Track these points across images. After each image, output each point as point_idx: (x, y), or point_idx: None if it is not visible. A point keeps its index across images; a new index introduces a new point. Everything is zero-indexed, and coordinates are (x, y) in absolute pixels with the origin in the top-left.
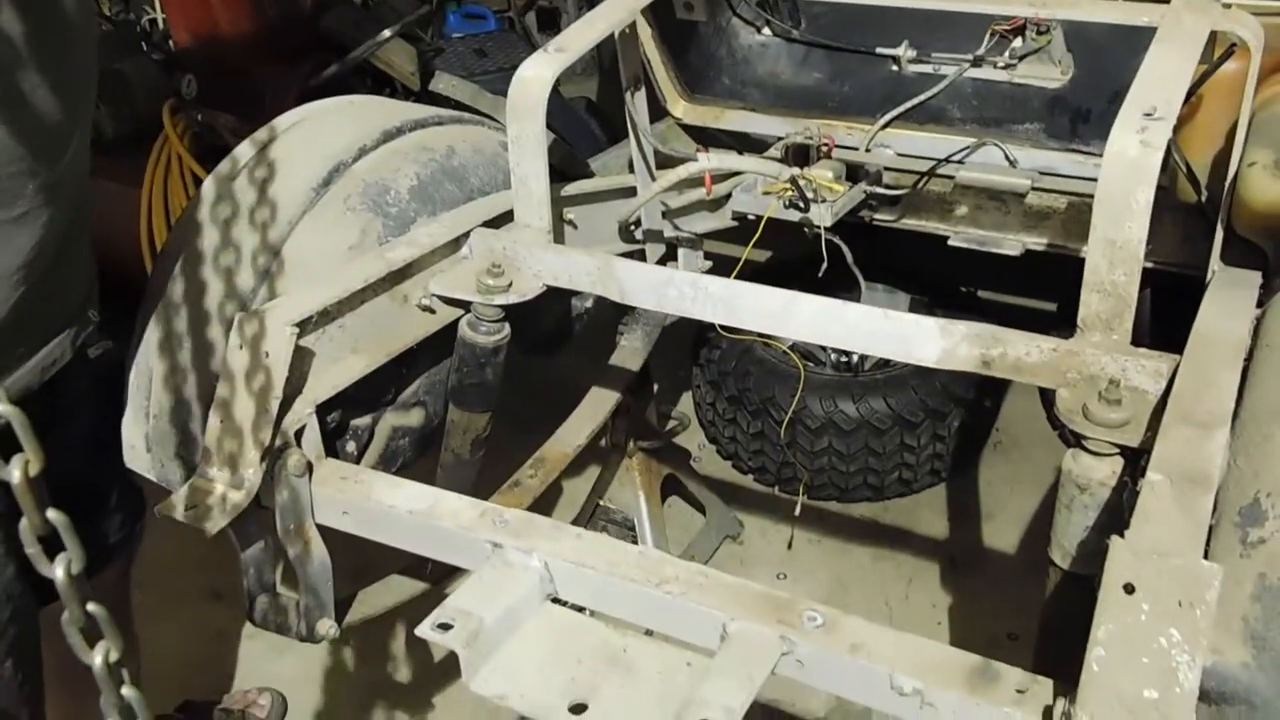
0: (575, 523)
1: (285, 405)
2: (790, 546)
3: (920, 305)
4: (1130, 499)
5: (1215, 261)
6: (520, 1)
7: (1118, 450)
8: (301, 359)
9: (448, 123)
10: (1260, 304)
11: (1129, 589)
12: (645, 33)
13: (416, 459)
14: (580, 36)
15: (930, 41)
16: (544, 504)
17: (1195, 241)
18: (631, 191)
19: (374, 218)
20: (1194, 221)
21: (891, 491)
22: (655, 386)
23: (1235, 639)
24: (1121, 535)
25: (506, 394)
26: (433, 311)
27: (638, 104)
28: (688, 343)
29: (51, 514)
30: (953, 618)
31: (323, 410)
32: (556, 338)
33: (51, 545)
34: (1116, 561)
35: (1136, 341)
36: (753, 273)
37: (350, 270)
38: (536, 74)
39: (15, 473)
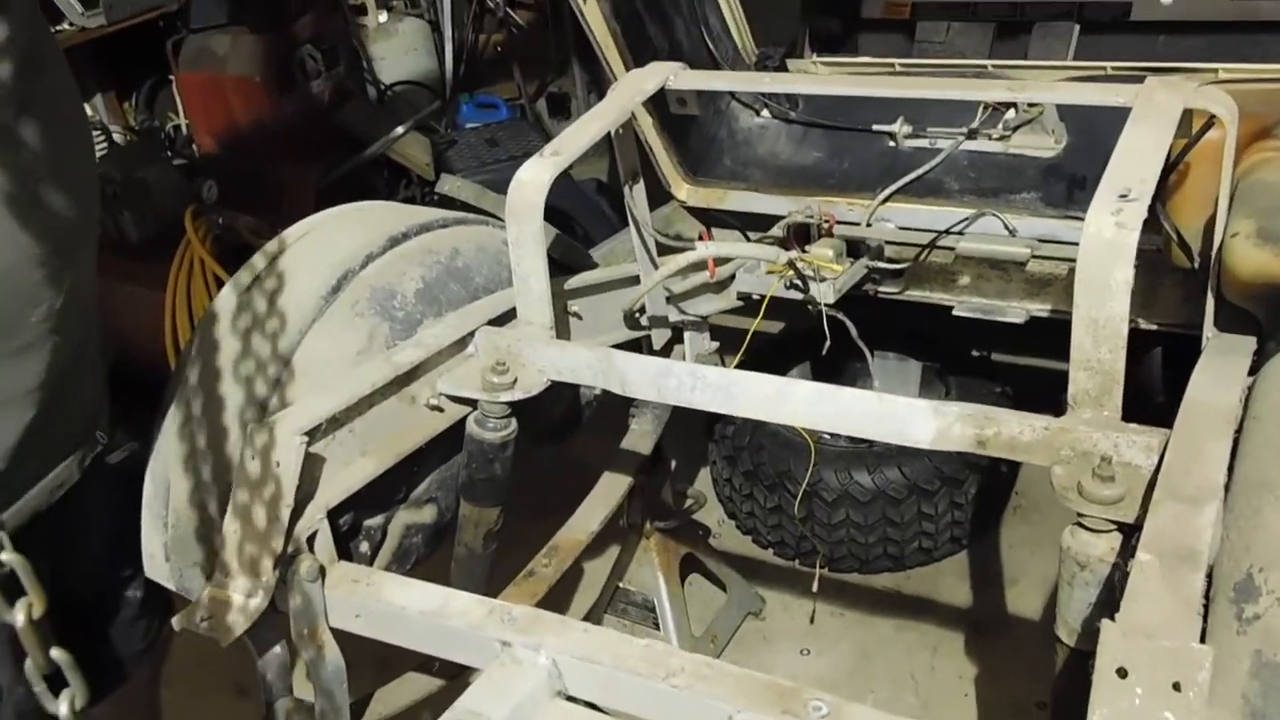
0: (595, 607)
1: (297, 512)
2: (813, 620)
3: (932, 372)
4: (1122, 579)
5: (1209, 328)
6: (531, 89)
7: (1115, 526)
8: (312, 466)
9: (452, 224)
10: (1253, 370)
11: (1122, 673)
12: (645, 121)
13: (430, 554)
14: (576, 139)
15: (925, 117)
16: (561, 589)
17: (1194, 303)
18: (634, 280)
19: (381, 322)
20: (1192, 283)
21: (912, 561)
22: (673, 463)
23: (1235, 716)
24: (1114, 616)
25: (521, 478)
26: (441, 410)
27: (636, 196)
28: (702, 418)
29: (55, 653)
30: (979, 687)
31: (335, 513)
32: (566, 426)
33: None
34: (1108, 644)
35: (1147, 400)
36: (766, 344)
37: (358, 375)
38: (533, 177)
39: (19, 616)
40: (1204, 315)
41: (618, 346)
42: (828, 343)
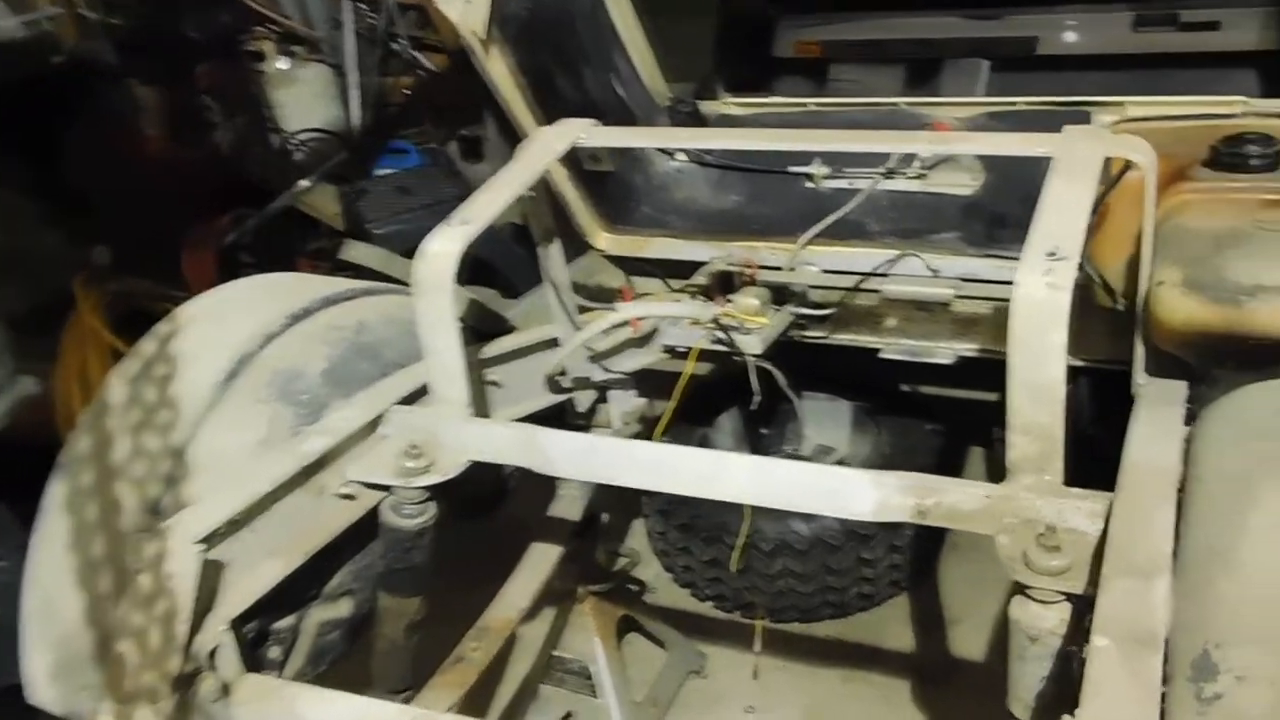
0: (529, 679)
1: (197, 625)
2: (756, 675)
3: (862, 412)
4: (1079, 666)
5: (1140, 375)
6: (442, 133)
7: (1063, 596)
8: (212, 574)
9: (358, 296)
10: (1189, 419)
11: None
12: (559, 174)
13: (350, 650)
14: (487, 206)
15: (842, 157)
16: (494, 664)
17: (1120, 339)
18: (554, 342)
19: (284, 408)
20: (1118, 319)
21: (854, 607)
22: (605, 517)
23: None
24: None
25: (447, 543)
26: (353, 499)
27: (552, 255)
28: None
29: None
30: None
31: (240, 621)
32: (491, 500)
33: None
34: None
35: (1077, 427)
36: (694, 391)
37: (260, 469)
38: (442, 249)
39: None
40: (1133, 362)
41: (541, 413)
42: (757, 397)
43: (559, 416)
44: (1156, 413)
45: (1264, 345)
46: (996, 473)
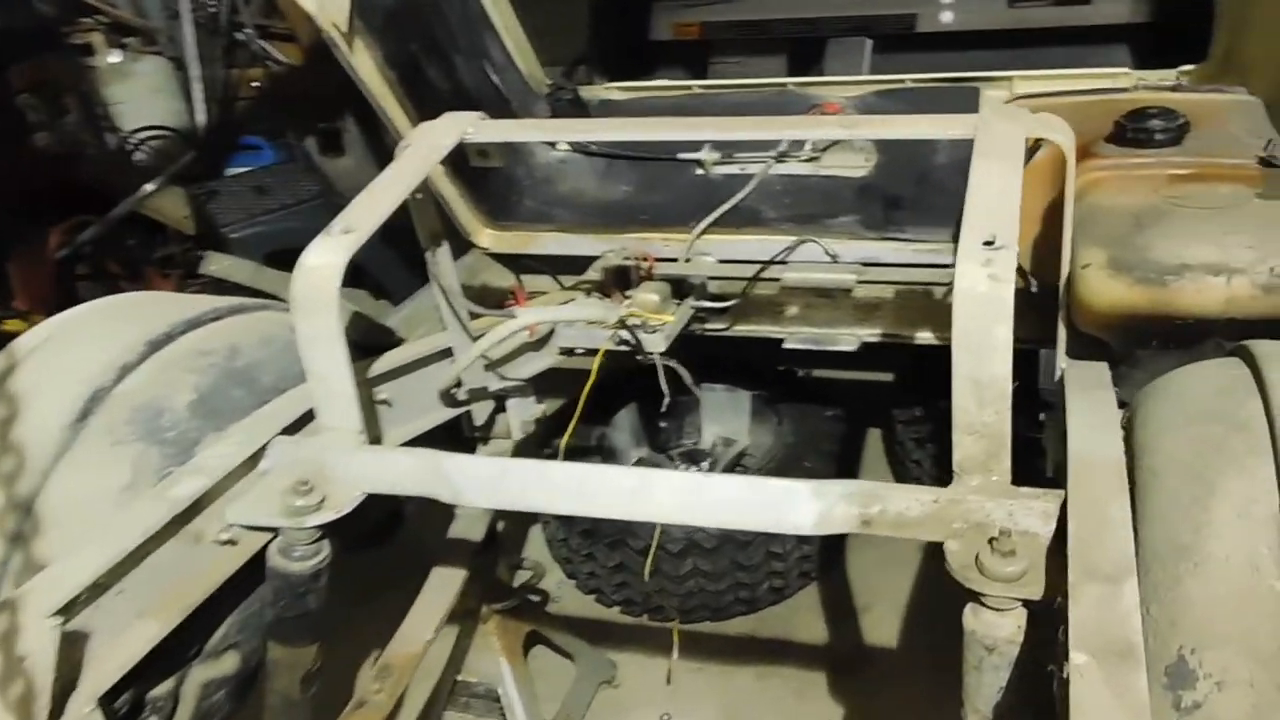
0: (432, 702)
1: (58, 709)
2: (669, 680)
3: (761, 401)
4: (1059, 686)
5: (1062, 360)
6: (298, 126)
7: (1019, 602)
8: (72, 648)
9: (226, 315)
10: (1120, 402)
11: None
12: (435, 170)
13: (238, 708)
14: (371, 212)
15: (733, 141)
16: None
17: (1028, 320)
18: (446, 353)
19: (147, 448)
20: (1029, 299)
21: (765, 601)
22: (500, 525)
23: None
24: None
25: (341, 577)
26: (235, 543)
27: (440, 260)
28: None
29: None
30: None
31: (110, 696)
32: (387, 526)
33: None
34: None
35: None
36: (591, 389)
37: (125, 521)
38: (324, 262)
39: None
40: (1056, 345)
41: (437, 430)
42: (667, 398)
43: (454, 431)
44: (1089, 399)
45: (1189, 324)
46: (894, 453)
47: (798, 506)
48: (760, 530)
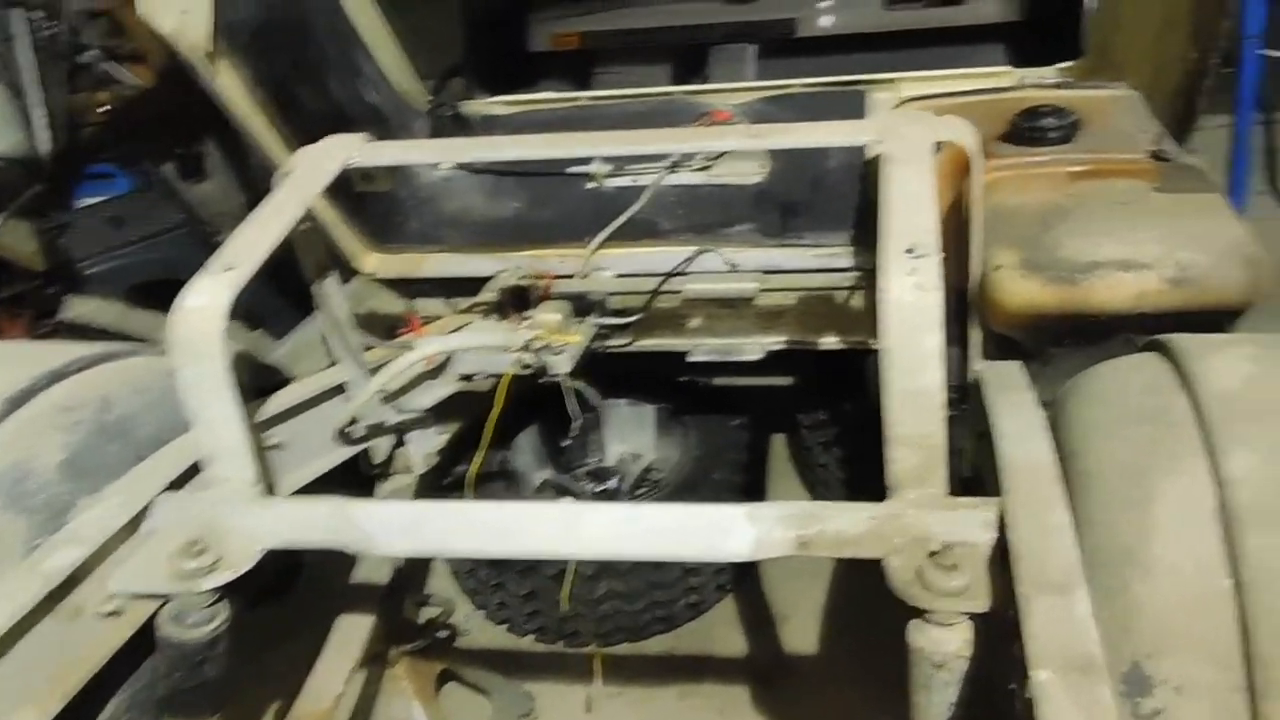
0: None
1: None
2: (589, 708)
3: (666, 414)
4: (1022, 708)
5: (977, 361)
6: (153, 152)
7: (965, 615)
8: None
9: (94, 363)
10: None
11: None
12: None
13: None
14: (254, 247)
15: (624, 154)
16: None
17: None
18: (339, 389)
19: (14, 517)
20: None
21: (683, 618)
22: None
23: None
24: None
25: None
26: (120, 614)
27: (328, 291)
28: None
29: None
30: None
31: None
32: (287, 578)
33: None
34: None
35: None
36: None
37: None
38: (205, 303)
39: None
40: (969, 349)
41: (335, 470)
42: (577, 421)
43: (352, 469)
44: (1011, 401)
45: (1101, 321)
46: (801, 458)
47: (733, 533)
48: (697, 560)
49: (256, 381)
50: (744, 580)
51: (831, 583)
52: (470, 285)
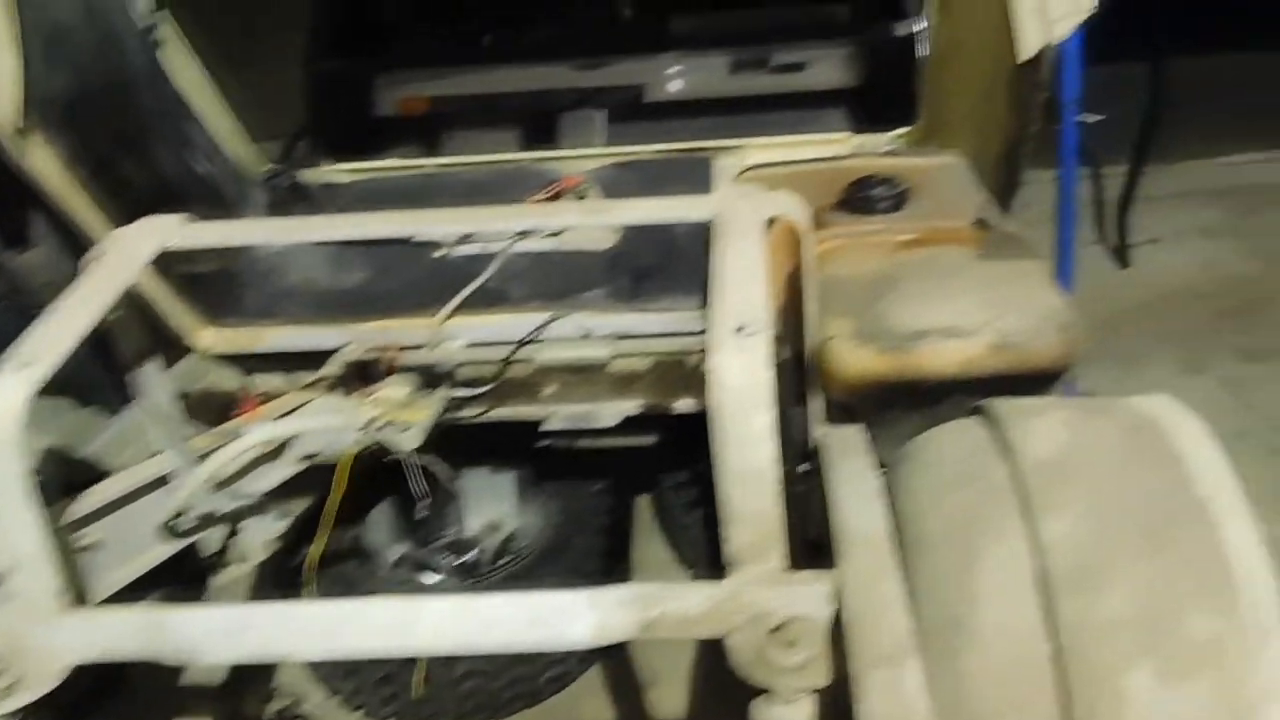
0: None
1: None
2: None
3: (526, 480)
4: None
5: (817, 426)
6: None
7: (808, 691)
8: None
9: None
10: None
11: None
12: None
13: None
14: (54, 341)
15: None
16: None
17: (783, 381)
18: (164, 479)
19: None
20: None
21: (548, 691)
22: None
23: None
24: None
25: None
26: None
27: (149, 379)
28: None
29: None
30: None
31: None
32: (105, 688)
33: None
34: None
35: None
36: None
37: None
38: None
39: None
40: (809, 415)
41: (168, 564)
42: (424, 500)
43: (182, 560)
44: (848, 467)
45: (931, 387)
46: (665, 519)
47: (574, 620)
48: (538, 649)
49: (73, 477)
50: (610, 648)
51: (699, 645)
52: (314, 358)
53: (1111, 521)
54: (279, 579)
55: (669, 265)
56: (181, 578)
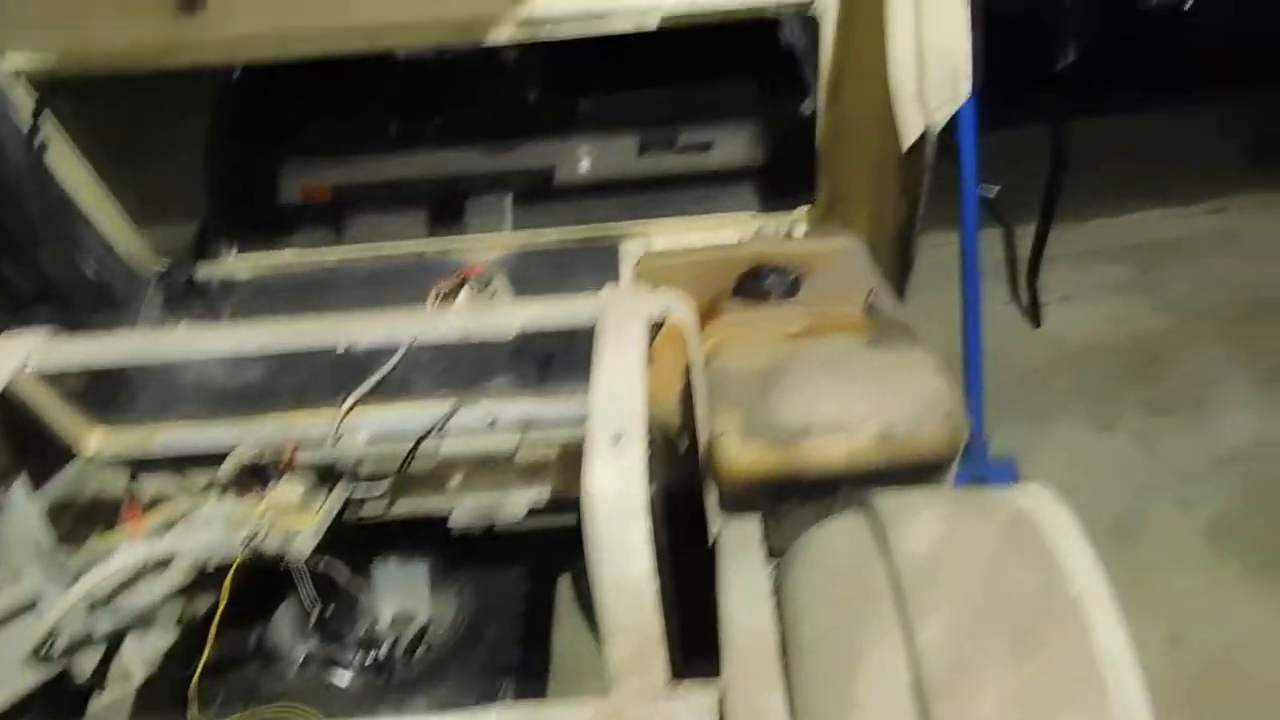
0: None
1: None
2: None
3: (440, 569)
4: None
5: (714, 518)
6: None
7: None
8: None
9: None
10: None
11: None
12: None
13: None
14: None
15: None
16: None
17: (683, 468)
18: (33, 603)
19: None
20: (673, 452)
21: None
22: None
23: None
24: None
25: None
26: None
27: (15, 494)
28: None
29: None
30: None
31: None
32: None
33: None
34: None
35: None
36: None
37: None
38: None
39: None
40: (706, 508)
41: (34, 696)
42: (316, 606)
43: (61, 681)
44: (739, 564)
45: (820, 481)
46: (585, 601)
47: None
48: None
49: None
50: None
51: None
52: (210, 459)
53: (984, 624)
54: (172, 691)
55: (575, 351)
56: (59, 704)
